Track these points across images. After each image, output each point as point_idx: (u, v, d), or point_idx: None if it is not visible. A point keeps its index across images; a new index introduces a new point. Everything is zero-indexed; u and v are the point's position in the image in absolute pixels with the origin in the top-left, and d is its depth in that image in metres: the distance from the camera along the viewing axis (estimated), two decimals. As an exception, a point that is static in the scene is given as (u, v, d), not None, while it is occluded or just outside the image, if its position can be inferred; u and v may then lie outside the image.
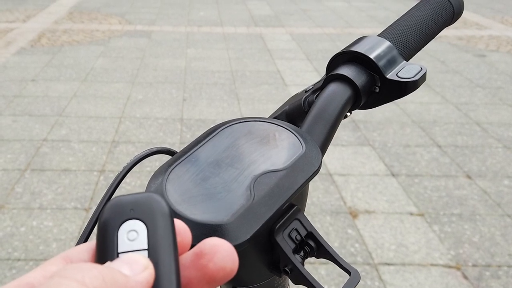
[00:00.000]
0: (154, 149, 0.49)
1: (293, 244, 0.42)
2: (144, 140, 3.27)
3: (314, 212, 2.55)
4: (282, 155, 0.43)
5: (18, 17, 6.65)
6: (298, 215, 0.43)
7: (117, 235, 0.27)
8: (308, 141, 0.45)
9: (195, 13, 7.27)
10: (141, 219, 0.27)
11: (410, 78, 0.54)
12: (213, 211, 0.37)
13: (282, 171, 0.41)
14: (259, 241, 0.40)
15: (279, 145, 0.44)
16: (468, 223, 2.50)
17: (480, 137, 3.44)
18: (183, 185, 0.39)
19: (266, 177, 0.41)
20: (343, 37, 6.08)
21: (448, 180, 2.89)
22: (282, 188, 0.40)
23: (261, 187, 0.40)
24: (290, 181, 0.41)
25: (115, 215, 0.28)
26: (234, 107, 3.86)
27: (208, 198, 0.38)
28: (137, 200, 0.28)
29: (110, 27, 6.28)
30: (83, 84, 4.26)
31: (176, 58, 5.08)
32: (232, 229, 0.37)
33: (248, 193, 0.39)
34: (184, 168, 0.41)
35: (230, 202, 0.38)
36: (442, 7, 0.66)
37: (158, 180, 0.40)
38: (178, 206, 0.38)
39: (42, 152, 3.07)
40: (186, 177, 0.40)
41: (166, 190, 0.39)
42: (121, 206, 0.28)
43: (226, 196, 0.39)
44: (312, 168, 0.43)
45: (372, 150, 3.22)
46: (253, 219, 0.38)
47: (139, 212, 0.28)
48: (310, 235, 0.43)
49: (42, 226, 2.39)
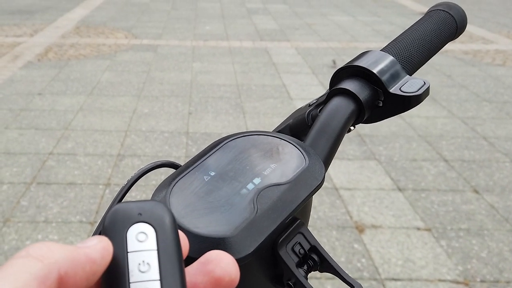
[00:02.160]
0: (158, 163, 0.49)
1: (296, 258, 0.42)
2: (149, 153, 3.27)
3: (320, 226, 2.54)
4: (285, 168, 0.43)
5: (25, 32, 6.70)
6: (302, 228, 0.43)
7: (126, 236, 0.27)
8: (312, 155, 0.46)
9: (201, 27, 7.31)
10: (149, 222, 0.28)
11: (413, 92, 0.55)
12: (217, 224, 0.38)
13: (285, 184, 0.42)
14: (262, 254, 0.40)
15: (283, 159, 0.44)
16: (476, 238, 2.47)
17: (487, 152, 3.42)
18: (187, 198, 0.40)
19: (269, 191, 0.41)
20: (348, 51, 6.09)
21: (455, 194, 2.87)
22: (285, 202, 0.40)
23: (264, 200, 0.40)
24: (293, 195, 0.41)
25: (123, 217, 0.28)
26: (239, 120, 3.86)
27: (212, 212, 0.39)
28: (144, 206, 0.29)
29: (116, 41, 6.32)
30: (89, 98, 4.27)
31: (182, 72, 5.10)
32: (235, 243, 0.37)
33: (251, 207, 0.39)
34: (188, 181, 0.41)
35: (234, 216, 0.38)
36: (445, 22, 0.66)
37: (161, 193, 0.40)
38: (181, 219, 0.38)
39: (48, 166, 3.07)
40: (189, 190, 0.40)
41: (170, 203, 0.39)
42: (129, 210, 0.28)
43: (230, 209, 0.39)
44: (315, 182, 0.43)
45: (378, 164, 3.20)
46: (256, 233, 0.38)
47: (147, 216, 0.28)
48: (313, 249, 0.43)
49: (47, 240, 2.38)
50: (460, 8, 0.69)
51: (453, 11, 0.67)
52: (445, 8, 0.68)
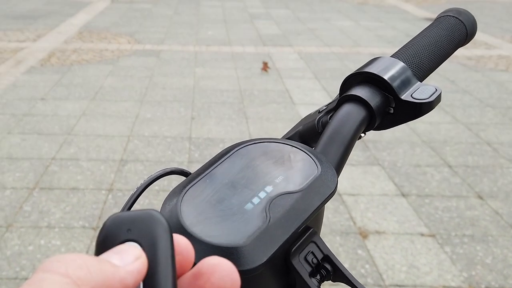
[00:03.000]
0: (167, 170, 0.48)
1: (309, 268, 0.41)
2: (152, 158, 3.27)
3: (324, 232, 2.52)
4: (297, 176, 0.43)
5: (28, 37, 6.72)
6: (314, 237, 0.42)
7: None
8: (324, 162, 0.45)
9: (204, 32, 7.32)
10: (137, 240, 0.27)
11: (425, 99, 0.54)
12: (229, 233, 0.37)
13: (298, 192, 0.41)
14: (275, 264, 0.40)
15: (295, 166, 0.44)
16: (481, 244, 2.46)
17: (491, 157, 3.41)
18: (198, 206, 0.39)
19: (281, 199, 0.40)
20: (351, 56, 6.09)
21: (459, 200, 2.85)
22: (298, 210, 0.40)
23: (276, 209, 0.39)
24: (306, 203, 0.41)
25: (112, 234, 0.27)
26: (242, 126, 3.86)
27: (224, 220, 0.38)
28: (135, 219, 0.28)
29: (119, 47, 6.33)
30: (92, 103, 4.27)
31: (185, 77, 5.10)
32: (248, 252, 0.36)
33: (264, 215, 0.39)
34: (199, 189, 0.41)
35: (246, 224, 0.38)
36: (455, 27, 0.66)
37: (173, 201, 0.40)
38: (193, 228, 0.37)
39: (51, 171, 3.07)
40: (201, 198, 0.40)
41: (181, 212, 0.38)
42: (118, 225, 0.28)
43: (242, 218, 0.38)
44: (328, 190, 0.43)
45: (382, 170, 3.19)
46: (269, 242, 0.37)
47: (136, 232, 0.27)
48: (326, 258, 0.42)
49: (50, 245, 2.38)
50: (470, 14, 0.69)
51: (463, 17, 0.67)
52: (455, 14, 0.67)
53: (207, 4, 9.96)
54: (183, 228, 0.37)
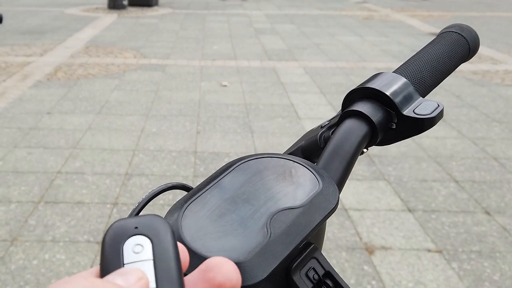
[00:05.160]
0: (169, 185, 0.48)
1: (310, 284, 0.41)
2: (157, 172, 3.26)
3: (330, 247, 2.50)
4: (298, 192, 0.43)
5: (35, 51, 6.77)
6: (316, 253, 0.42)
7: (122, 249, 0.28)
8: (325, 178, 0.45)
9: (209, 47, 7.35)
10: (145, 234, 0.29)
11: (427, 114, 0.54)
12: (229, 249, 0.37)
13: (299, 208, 0.41)
14: (275, 280, 0.39)
15: (296, 182, 0.44)
16: (488, 261, 2.43)
17: (498, 173, 3.39)
18: (199, 221, 0.39)
19: (282, 215, 0.40)
20: (356, 71, 6.10)
21: (466, 216, 2.83)
22: (299, 226, 0.40)
23: (277, 224, 0.39)
24: (307, 219, 0.41)
25: (120, 232, 0.29)
26: (247, 140, 3.85)
27: (224, 236, 0.38)
28: (141, 220, 0.29)
29: (125, 61, 6.37)
30: (98, 117, 4.29)
31: (190, 91, 5.11)
32: (248, 268, 0.36)
33: (265, 231, 0.39)
34: (200, 204, 0.41)
35: (247, 240, 0.38)
36: (457, 43, 0.66)
37: (173, 217, 0.40)
38: (193, 244, 0.37)
39: (56, 185, 3.07)
40: (202, 213, 0.40)
41: (182, 227, 0.39)
42: (125, 225, 0.29)
43: (242, 233, 0.38)
44: (329, 205, 0.42)
45: (388, 184, 3.18)
46: (270, 258, 0.37)
47: (143, 229, 0.29)
48: (327, 275, 0.42)
49: (54, 259, 2.37)
50: (472, 30, 0.69)
51: (466, 32, 0.67)
52: (458, 30, 0.67)
53: (213, 19, 10.02)
54: (184, 243, 0.37)
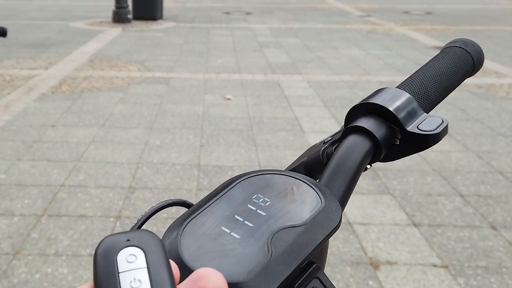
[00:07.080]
0: (169, 201, 0.47)
1: None
2: (161, 186, 3.25)
3: (334, 262, 2.48)
4: (300, 210, 0.42)
5: (40, 64, 6.79)
6: (318, 273, 0.41)
7: (116, 260, 0.29)
8: (327, 195, 0.44)
9: (213, 60, 7.37)
10: (138, 245, 0.29)
11: (432, 130, 0.53)
12: (229, 268, 0.36)
13: (300, 226, 0.40)
14: None
15: (297, 200, 0.43)
16: (495, 276, 2.41)
17: (504, 187, 3.36)
18: (199, 240, 0.38)
19: (284, 233, 0.39)
20: (360, 84, 6.10)
21: (472, 230, 2.81)
22: (301, 245, 0.39)
23: (279, 243, 0.38)
24: (309, 238, 0.40)
25: (112, 245, 0.29)
26: (251, 153, 3.84)
27: (224, 255, 0.37)
28: (132, 234, 0.30)
29: (129, 74, 6.38)
30: (102, 130, 4.29)
31: (194, 104, 5.12)
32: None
33: (265, 250, 0.37)
34: (199, 222, 0.40)
35: (247, 259, 0.37)
36: (461, 58, 0.65)
37: (173, 235, 0.39)
38: (193, 263, 0.36)
39: (59, 198, 3.06)
40: (201, 231, 0.39)
41: (181, 245, 0.38)
42: (117, 239, 0.30)
43: (243, 252, 0.37)
44: (332, 224, 0.41)
45: (393, 199, 3.16)
46: (271, 278, 0.36)
47: (135, 241, 0.30)
48: None
49: (57, 273, 2.35)
50: (476, 44, 0.68)
51: (470, 47, 0.67)
52: (462, 45, 0.67)
53: (217, 33, 10.06)
54: (183, 263, 0.36)
